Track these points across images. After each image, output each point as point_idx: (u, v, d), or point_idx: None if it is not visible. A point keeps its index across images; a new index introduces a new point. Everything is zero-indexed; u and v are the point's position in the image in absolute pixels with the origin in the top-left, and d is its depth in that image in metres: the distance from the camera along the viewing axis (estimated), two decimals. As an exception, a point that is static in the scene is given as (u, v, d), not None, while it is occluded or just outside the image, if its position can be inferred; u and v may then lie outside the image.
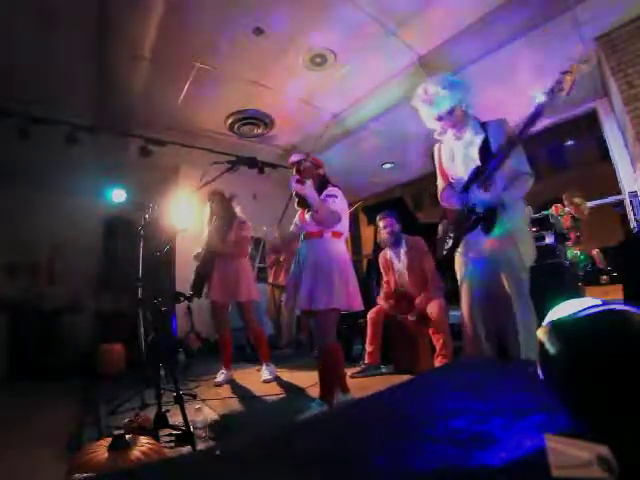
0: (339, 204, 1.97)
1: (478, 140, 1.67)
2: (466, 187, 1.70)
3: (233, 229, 2.91)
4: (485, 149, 1.64)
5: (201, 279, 2.92)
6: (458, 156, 1.76)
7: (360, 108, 4.22)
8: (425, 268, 2.84)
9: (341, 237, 2.06)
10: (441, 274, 2.84)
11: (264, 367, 2.91)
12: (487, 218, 1.63)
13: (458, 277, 1.83)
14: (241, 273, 2.89)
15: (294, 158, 2.12)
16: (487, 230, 1.63)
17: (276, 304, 4.62)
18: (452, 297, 3.04)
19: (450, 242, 1.83)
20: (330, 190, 2.01)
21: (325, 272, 1.90)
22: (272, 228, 2.36)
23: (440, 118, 1.70)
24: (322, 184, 2.05)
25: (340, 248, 2.02)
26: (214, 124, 4.33)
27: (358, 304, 1.98)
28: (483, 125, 1.70)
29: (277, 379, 2.86)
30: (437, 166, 1.91)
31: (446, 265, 1.90)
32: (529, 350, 1.51)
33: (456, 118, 1.69)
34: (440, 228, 1.95)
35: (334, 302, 1.86)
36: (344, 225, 2.04)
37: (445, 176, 1.86)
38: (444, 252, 1.88)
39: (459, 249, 1.79)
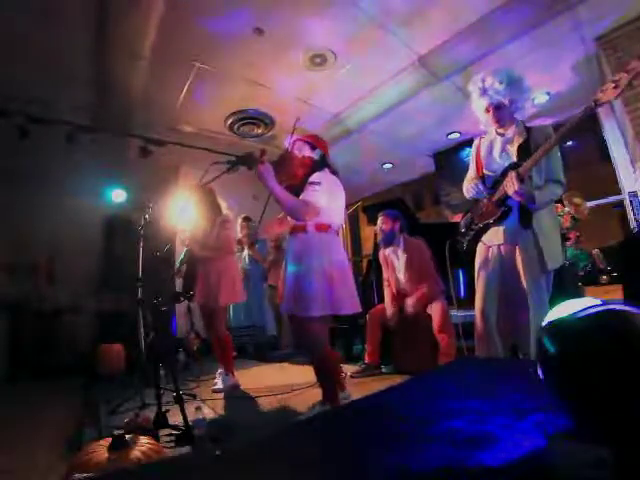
0: (322, 193, 1.72)
1: (520, 139, 1.68)
2: (498, 181, 1.71)
3: (215, 228, 2.76)
4: (525, 148, 1.64)
5: (189, 282, 2.88)
6: (496, 150, 1.77)
7: (360, 108, 4.22)
8: (423, 270, 2.83)
9: (329, 230, 1.80)
10: (443, 273, 2.84)
11: (219, 374, 2.78)
12: (524, 210, 1.63)
13: (476, 269, 1.83)
14: (223, 275, 2.74)
15: (287, 142, 1.94)
16: (525, 223, 1.63)
17: (275, 305, 4.62)
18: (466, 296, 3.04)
19: (472, 234, 1.83)
20: (314, 176, 1.76)
21: (307, 272, 1.69)
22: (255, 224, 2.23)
23: (488, 110, 1.71)
24: (315, 169, 1.81)
25: (327, 243, 1.78)
26: (214, 124, 4.33)
27: (350, 306, 1.76)
28: (527, 129, 1.71)
29: (235, 390, 2.70)
30: (473, 157, 1.91)
31: (461, 261, 1.90)
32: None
33: (503, 114, 1.70)
34: (462, 223, 1.93)
35: (316, 307, 1.65)
36: (333, 216, 1.80)
37: (479, 169, 1.86)
38: (464, 245, 1.87)
39: (483, 240, 1.79)
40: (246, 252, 4.23)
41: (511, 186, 1.56)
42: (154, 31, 2.81)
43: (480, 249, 1.82)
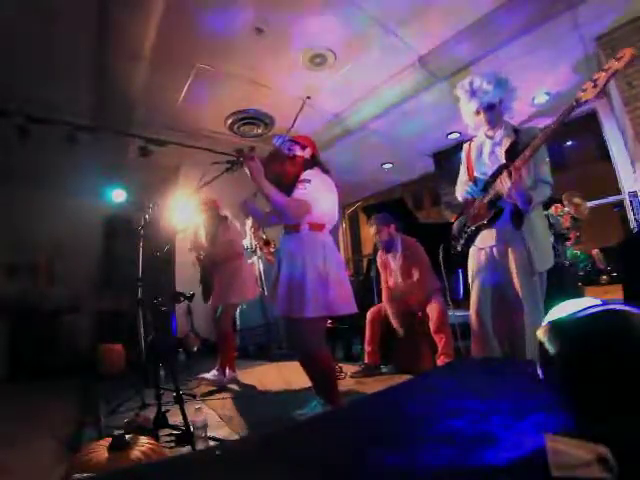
0: (312, 190, 1.68)
1: (508, 141, 1.69)
2: (488, 183, 1.71)
3: (218, 235, 2.91)
4: (512, 151, 1.65)
5: (207, 286, 3.02)
6: (485, 153, 1.78)
7: (360, 108, 4.22)
8: (420, 270, 2.83)
9: (323, 229, 1.76)
10: (439, 275, 2.84)
11: (214, 370, 2.82)
12: (516, 212, 1.62)
13: (470, 272, 1.83)
14: (234, 276, 2.88)
15: (275, 142, 1.91)
16: (517, 224, 1.62)
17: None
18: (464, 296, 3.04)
19: (465, 237, 1.83)
20: (304, 174, 1.73)
21: (300, 273, 1.65)
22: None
23: (478, 112, 1.72)
24: (306, 168, 1.78)
25: (321, 242, 1.73)
26: (214, 124, 4.33)
27: (346, 307, 1.72)
28: (516, 131, 1.72)
29: (224, 388, 2.73)
30: (464, 160, 1.92)
31: (458, 262, 1.90)
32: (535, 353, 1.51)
33: (492, 116, 1.71)
34: (456, 225, 1.93)
35: (311, 308, 1.61)
36: (325, 215, 1.76)
37: (470, 171, 1.87)
38: (459, 248, 1.87)
39: (475, 243, 1.79)
40: (259, 254, 4.27)
41: (505, 184, 1.56)
42: (154, 31, 2.81)
43: (473, 251, 1.82)
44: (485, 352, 1.73)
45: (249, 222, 4.09)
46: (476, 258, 1.80)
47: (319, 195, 1.72)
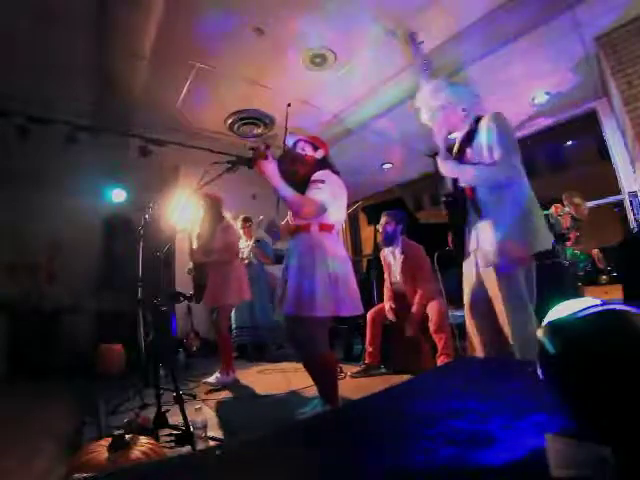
0: (326, 191, 1.69)
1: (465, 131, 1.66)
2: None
3: (217, 236, 2.88)
4: (466, 139, 1.64)
5: (199, 287, 3.00)
6: (455, 152, 1.76)
7: (360, 108, 4.22)
8: (419, 273, 2.84)
9: (332, 230, 1.78)
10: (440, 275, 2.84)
11: (217, 373, 2.86)
12: (471, 201, 1.61)
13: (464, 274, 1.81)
14: (229, 277, 2.89)
15: (288, 141, 1.92)
16: (477, 212, 1.60)
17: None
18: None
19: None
20: (317, 175, 1.73)
21: (310, 273, 1.66)
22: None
23: (428, 119, 1.74)
24: (317, 168, 1.79)
25: (330, 243, 1.75)
26: (214, 124, 4.33)
27: (353, 308, 1.72)
28: (478, 120, 1.64)
29: (226, 387, 2.75)
30: None
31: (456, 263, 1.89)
32: (525, 350, 1.46)
33: (444, 121, 1.69)
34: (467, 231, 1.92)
35: (320, 308, 1.62)
36: (335, 216, 1.78)
37: None
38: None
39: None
40: (249, 251, 4.19)
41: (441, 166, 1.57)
42: (154, 31, 2.81)
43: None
44: (472, 349, 1.72)
45: (239, 223, 4.06)
46: (466, 262, 1.77)
47: (332, 196, 1.73)
